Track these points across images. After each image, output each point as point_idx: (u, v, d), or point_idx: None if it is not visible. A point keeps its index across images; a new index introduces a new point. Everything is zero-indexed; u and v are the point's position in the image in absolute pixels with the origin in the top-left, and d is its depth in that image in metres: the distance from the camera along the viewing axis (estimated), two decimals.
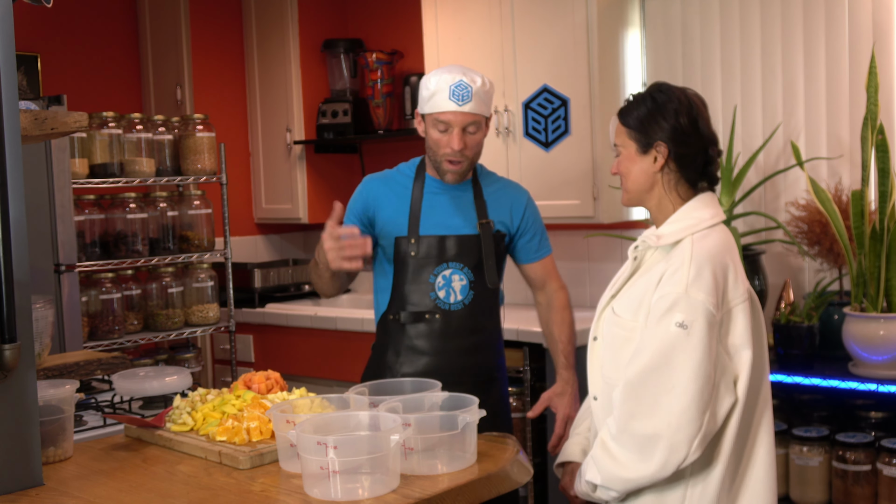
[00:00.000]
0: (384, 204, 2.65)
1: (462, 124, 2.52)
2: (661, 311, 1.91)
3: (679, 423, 1.86)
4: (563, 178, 3.78)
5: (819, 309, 3.20)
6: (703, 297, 1.89)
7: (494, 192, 2.68)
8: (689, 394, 1.86)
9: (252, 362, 4.59)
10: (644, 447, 1.89)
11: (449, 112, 2.51)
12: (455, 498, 1.71)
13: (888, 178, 2.98)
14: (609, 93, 3.70)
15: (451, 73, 2.53)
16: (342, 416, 1.84)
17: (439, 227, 2.60)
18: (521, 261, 2.75)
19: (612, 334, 2.03)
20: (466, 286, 2.60)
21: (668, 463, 1.88)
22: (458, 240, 2.59)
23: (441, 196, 2.64)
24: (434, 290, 2.59)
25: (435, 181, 2.65)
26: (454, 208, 2.63)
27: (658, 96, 2.04)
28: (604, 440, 1.98)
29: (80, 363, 2.48)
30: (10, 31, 1.71)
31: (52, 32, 4.49)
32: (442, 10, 4.11)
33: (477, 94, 2.51)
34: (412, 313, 2.60)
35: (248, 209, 5.01)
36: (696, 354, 1.87)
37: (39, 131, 1.84)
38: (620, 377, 1.98)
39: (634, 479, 1.91)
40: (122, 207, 3.85)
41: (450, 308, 2.59)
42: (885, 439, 2.94)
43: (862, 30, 3.33)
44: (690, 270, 1.91)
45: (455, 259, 2.58)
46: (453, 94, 2.50)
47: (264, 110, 4.90)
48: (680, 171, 2.04)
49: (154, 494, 1.75)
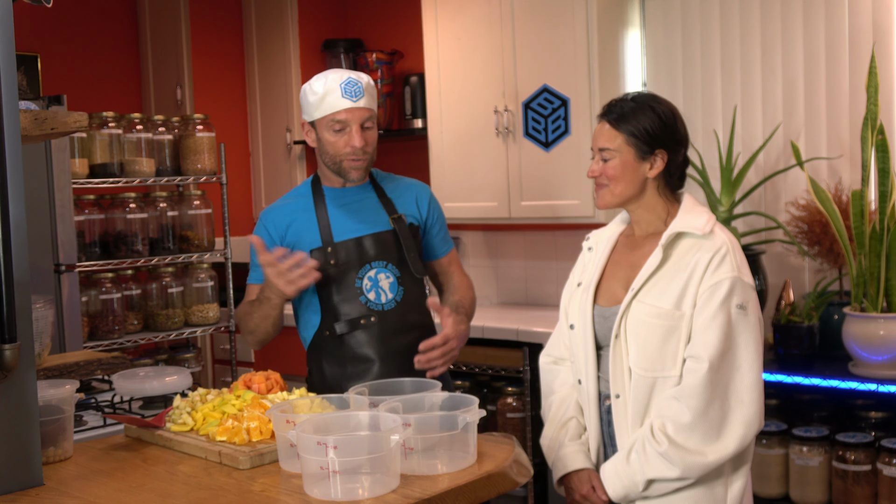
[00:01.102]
0: (290, 226, 2.55)
1: (359, 120, 2.48)
2: (722, 296, 2.01)
3: (751, 398, 2.01)
4: (563, 178, 3.79)
5: (819, 309, 3.20)
6: (750, 279, 2.07)
7: (396, 189, 2.63)
8: (754, 370, 2.02)
9: (252, 362, 4.59)
10: (721, 429, 2.00)
11: (344, 109, 2.46)
12: (455, 498, 1.71)
13: (888, 178, 2.98)
14: (609, 93, 3.70)
15: (335, 73, 2.49)
16: (342, 416, 1.84)
17: (351, 230, 2.52)
18: (431, 256, 2.68)
19: (649, 326, 2.05)
20: (395, 283, 2.52)
21: (746, 437, 2.01)
22: (374, 238, 2.51)
23: (343, 202, 2.57)
24: (363, 293, 2.50)
25: (335, 190, 2.58)
26: (362, 211, 2.56)
27: (654, 105, 2.14)
28: (668, 435, 2.00)
29: (80, 363, 2.48)
30: (10, 31, 1.71)
31: (52, 32, 4.49)
32: (442, 10, 4.11)
33: (367, 90, 2.49)
34: (347, 322, 2.49)
35: (248, 209, 5.01)
36: (754, 333, 2.04)
37: (39, 131, 1.84)
38: (668, 368, 2.04)
39: (715, 461, 2.00)
40: (122, 207, 3.85)
41: (383, 308, 2.52)
42: (885, 439, 2.94)
43: (862, 30, 3.33)
44: (736, 255, 2.06)
45: (377, 258, 2.51)
46: (345, 91, 2.46)
47: (264, 110, 4.90)
48: (668, 177, 2.15)
49: (154, 494, 1.75)
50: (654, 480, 2.03)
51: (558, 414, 2.25)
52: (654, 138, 2.11)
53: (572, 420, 2.22)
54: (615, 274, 2.19)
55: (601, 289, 2.20)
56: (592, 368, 2.15)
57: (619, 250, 2.23)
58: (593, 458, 2.17)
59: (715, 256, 2.04)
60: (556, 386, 2.30)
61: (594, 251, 2.27)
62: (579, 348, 2.18)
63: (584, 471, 2.15)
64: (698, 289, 2.03)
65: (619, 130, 2.12)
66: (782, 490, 3.15)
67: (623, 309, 2.09)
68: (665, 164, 2.12)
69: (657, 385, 2.05)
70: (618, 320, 2.09)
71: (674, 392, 2.02)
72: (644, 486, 2.04)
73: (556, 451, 2.21)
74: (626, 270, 2.16)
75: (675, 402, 2.01)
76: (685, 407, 1.99)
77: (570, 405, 2.23)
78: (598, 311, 2.17)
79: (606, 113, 2.16)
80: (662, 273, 2.08)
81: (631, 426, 2.08)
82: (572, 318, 2.21)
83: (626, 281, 2.14)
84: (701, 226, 2.07)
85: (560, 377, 2.29)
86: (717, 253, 2.04)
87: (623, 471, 2.06)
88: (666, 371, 2.04)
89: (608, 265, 2.22)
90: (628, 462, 2.05)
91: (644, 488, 2.04)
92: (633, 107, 2.13)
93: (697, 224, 2.08)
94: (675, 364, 2.04)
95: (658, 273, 2.08)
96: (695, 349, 2.01)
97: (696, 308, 2.03)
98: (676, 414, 2.00)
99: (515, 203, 3.94)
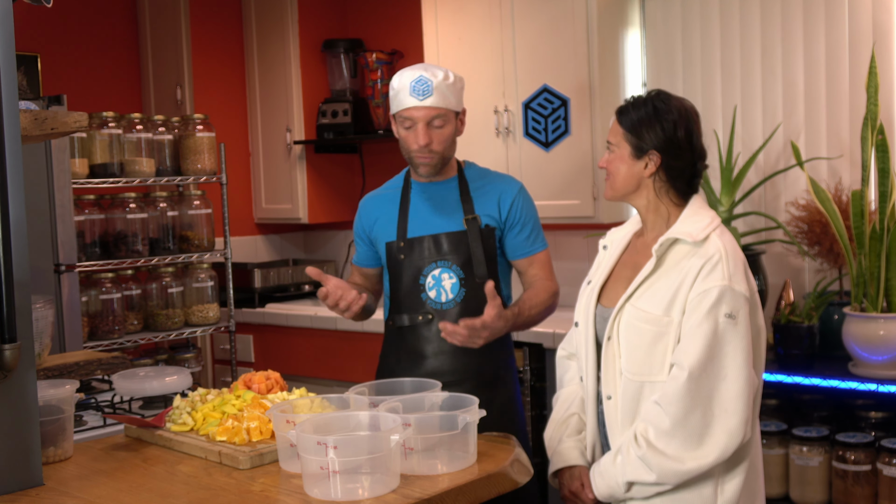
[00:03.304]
0: (378, 219, 2.67)
1: (425, 119, 2.51)
2: (710, 304, 1.99)
3: (735, 408, 1.97)
4: (563, 178, 3.79)
5: (819, 309, 3.20)
6: (742, 287, 2.02)
7: (482, 187, 2.64)
8: (740, 380, 1.98)
9: (252, 362, 4.59)
10: (703, 437, 1.97)
11: (411, 108, 2.52)
12: (455, 498, 1.72)
13: (888, 178, 2.98)
14: (609, 93, 3.70)
15: (412, 70, 2.55)
16: (342, 416, 1.84)
17: (425, 227, 2.59)
18: (512, 256, 2.64)
19: (639, 331, 2.05)
20: (457, 284, 2.56)
21: (728, 448, 1.97)
22: (445, 237, 2.57)
23: (426, 197, 2.63)
24: (425, 290, 2.57)
25: (419, 184, 2.65)
26: (440, 207, 2.61)
27: (658, 105, 2.11)
28: (648, 439, 2.00)
29: (80, 363, 2.48)
30: (10, 31, 1.71)
31: (52, 32, 4.49)
32: (442, 10, 4.11)
33: (438, 88, 2.51)
34: (407, 317, 2.59)
35: (248, 209, 5.01)
36: (743, 342, 1.99)
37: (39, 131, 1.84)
38: (655, 373, 2.03)
39: (694, 469, 1.98)
40: (122, 207, 3.85)
41: (442, 308, 2.57)
42: (885, 439, 2.94)
43: (862, 30, 3.33)
44: (729, 263, 2.02)
45: (443, 257, 2.56)
46: (413, 89, 2.51)
47: (264, 110, 4.90)
48: (669, 182, 2.13)
49: (154, 494, 1.75)
50: (633, 483, 2.04)
51: (562, 409, 2.27)
52: (642, 135, 2.10)
53: (574, 416, 2.24)
54: (620, 274, 2.20)
55: (606, 288, 2.21)
56: (592, 367, 2.17)
57: (629, 251, 2.24)
58: (589, 455, 2.19)
59: (707, 264, 2.02)
60: (565, 380, 2.34)
61: (608, 250, 2.28)
62: (581, 346, 2.20)
63: (577, 467, 2.18)
64: (688, 296, 2.02)
65: (621, 125, 2.13)
66: (782, 490, 3.15)
67: (616, 311, 2.10)
68: (659, 167, 2.10)
69: (645, 389, 2.05)
70: (611, 322, 2.10)
71: (657, 397, 2.02)
72: (626, 487, 2.05)
73: (555, 445, 2.24)
74: (630, 272, 2.17)
75: (657, 408, 2.01)
76: (665, 413, 1.99)
77: (575, 401, 2.26)
78: (599, 310, 2.18)
79: (620, 107, 2.18)
80: (655, 278, 2.08)
81: (621, 427, 2.09)
82: (577, 315, 2.23)
83: (627, 282, 2.15)
84: (695, 232, 2.06)
85: (570, 372, 2.33)
86: (710, 261, 2.02)
87: (608, 471, 2.07)
88: (654, 375, 2.04)
89: (616, 265, 2.23)
90: (614, 463, 2.07)
91: (626, 490, 2.05)
92: (637, 102, 2.14)
93: (692, 230, 2.06)
94: (662, 369, 2.03)
95: (651, 278, 2.08)
96: (678, 356, 2.00)
97: (685, 315, 2.02)
98: (657, 419, 2.00)
99: None
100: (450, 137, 2.56)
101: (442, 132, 2.54)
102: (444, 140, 2.55)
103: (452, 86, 2.54)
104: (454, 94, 2.55)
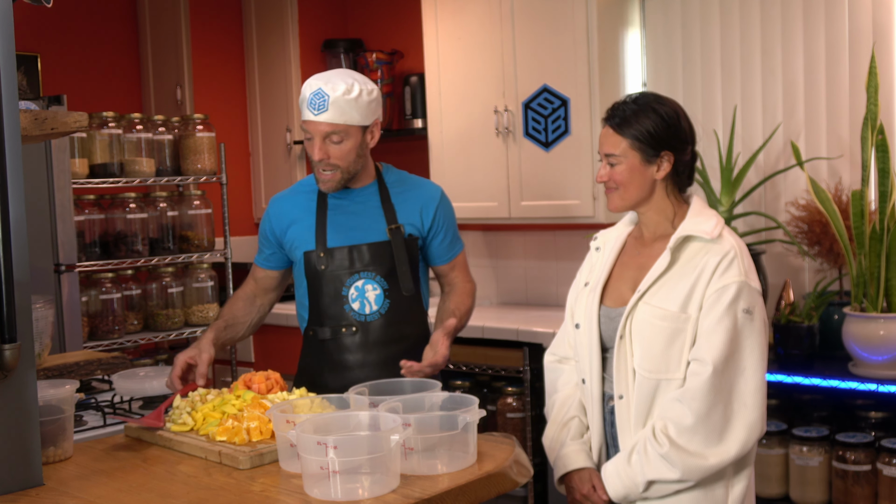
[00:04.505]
0: (292, 223, 2.56)
1: (321, 134, 2.41)
2: (729, 299, 2.01)
3: (754, 403, 2.01)
4: (563, 177, 3.79)
5: (819, 309, 3.20)
6: (756, 283, 2.06)
7: (402, 194, 2.57)
8: (758, 374, 2.02)
9: (252, 362, 4.59)
10: (724, 432, 2.00)
11: (307, 121, 2.42)
12: (455, 498, 1.71)
13: (888, 178, 2.98)
14: (609, 93, 3.70)
15: (316, 80, 2.43)
16: (342, 416, 1.84)
17: (346, 236, 2.50)
18: (433, 262, 2.63)
19: (654, 328, 2.05)
20: (381, 295, 2.50)
21: (748, 442, 2.01)
22: (367, 248, 2.49)
23: (345, 205, 2.54)
24: (348, 302, 2.49)
25: (338, 191, 2.54)
26: (361, 216, 2.52)
27: (660, 109, 2.11)
28: (670, 436, 2.01)
29: (80, 363, 2.48)
30: (10, 31, 1.71)
31: (52, 32, 4.50)
32: (442, 10, 4.11)
33: (336, 103, 2.38)
34: (330, 328, 2.51)
35: (248, 209, 5.01)
36: (759, 337, 2.04)
37: (39, 131, 1.84)
38: (672, 370, 2.04)
39: (716, 464, 2.00)
40: (122, 207, 3.85)
41: (366, 319, 2.49)
42: (885, 439, 2.94)
43: (862, 30, 3.33)
44: (744, 260, 2.06)
45: (366, 269, 2.49)
46: (311, 103, 2.40)
47: (264, 110, 4.90)
48: (676, 177, 2.15)
49: (154, 494, 1.75)
50: (654, 482, 2.03)
51: (561, 413, 2.25)
52: (658, 140, 2.09)
53: (574, 419, 2.22)
54: (623, 275, 2.19)
55: (608, 289, 2.20)
56: (597, 368, 2.15)
57: (627, 251, 2.23)
58: (595, 457, 2.18)
59: (723, 260, 2.04)
60: (559, 385, 2.30)
61: (602, 251, 2.27)
62: (584, 348, 2.18)
63: (585, 470, 2.15)
64: (705, 292, 2.03)
65: (623, 135, 2.11)
66: (782, 490, 3.15)
67: (629, 310, 2.09)
68: (672, 165, 2.12)
69: (661, 387, 2.05)
70: (623, 321, 2.09)
71: (677, 394, 2.02)
72: (644, 486, 2.04)
73: (558, 450, 2.21)
74: (634, 272, 2.16)
75: (678, 405, 2.01)
76: (688, 409, 1.99)
77: (573, 404, 2.24)
78: (604, 311, 2.17)
79: (609, 117, 2.14)
80: (669, 276, 2.08)
81: (633, 427, 2.08)
82: (578, 317, 2.21)
83: (633, 282, 2.14)
84: (710, 229, 2.07)
85: (564, 376, 2.30)
86: (726, 257, 2.04)
87: (624, 471, 2.06)
88: (670, 373, 2.04)
89: (616, 266, 2.22)
90: (629, 463, 2.06)
91: (644, 489, 2.05)
92: (635, 109, 2.11)
93: (706, 228, 2.08)
94: (679, 366, 2.04)
95: (665, 275, 2.08)
96: (699, 352, 2.01)
97: (703, 311, 2.03)
98: (679, 416, 2.00)
99: (515, 203, 3.94)
100: (351, 152, 2.44)
101: (340, 147, 2.43)
102: (343, 155, 2.43)
103: (355, 100, 2.40)
104: (357, 109, 2.41)
